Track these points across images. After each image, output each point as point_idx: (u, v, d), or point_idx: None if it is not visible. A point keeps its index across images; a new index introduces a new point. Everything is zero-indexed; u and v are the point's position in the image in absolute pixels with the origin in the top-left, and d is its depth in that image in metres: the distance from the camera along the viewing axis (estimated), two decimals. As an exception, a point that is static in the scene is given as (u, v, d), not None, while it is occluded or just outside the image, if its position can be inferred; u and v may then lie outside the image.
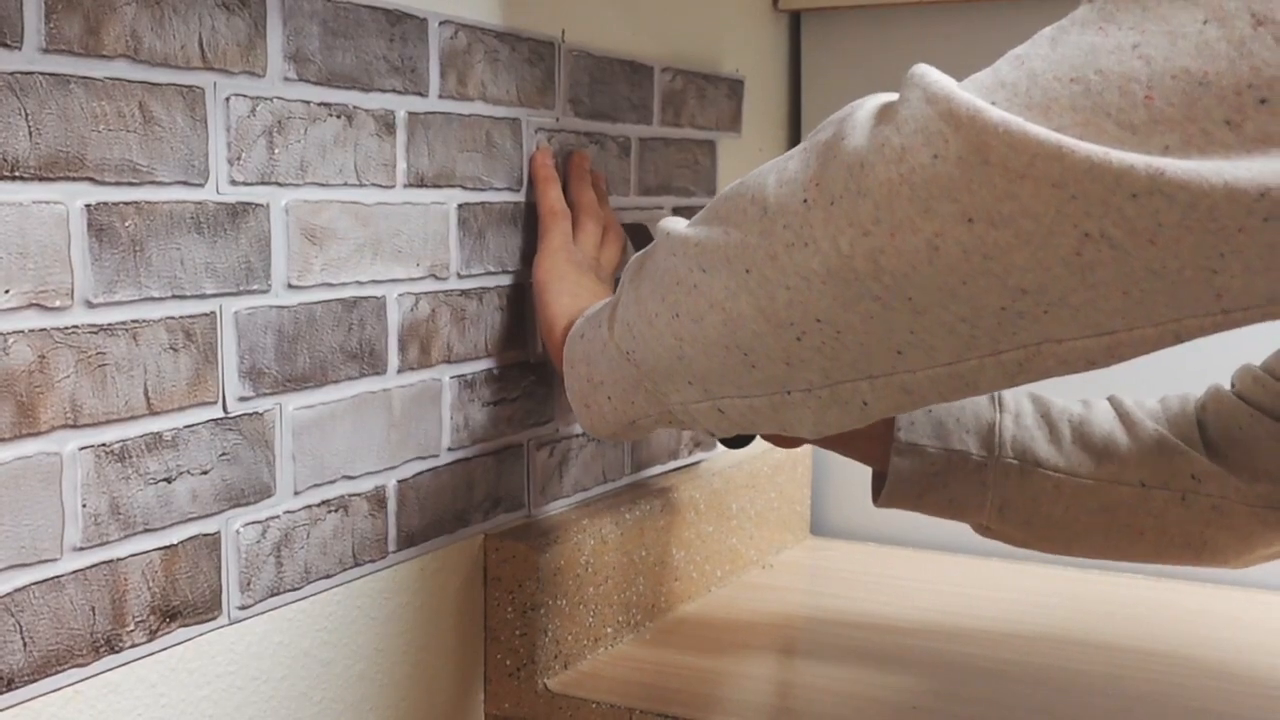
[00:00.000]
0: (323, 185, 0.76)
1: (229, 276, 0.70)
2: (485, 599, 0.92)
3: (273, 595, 0.75)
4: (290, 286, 0.74)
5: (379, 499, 0.82)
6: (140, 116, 0.65)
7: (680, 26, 1.12)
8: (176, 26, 0.66)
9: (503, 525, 0.93)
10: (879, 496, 0.93)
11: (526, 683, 0.91)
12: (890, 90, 0.59)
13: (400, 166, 0.82)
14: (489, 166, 0.89)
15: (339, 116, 0.77)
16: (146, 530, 0.67)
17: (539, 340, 0.94)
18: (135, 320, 0.65)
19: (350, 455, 0.79)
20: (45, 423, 0.61)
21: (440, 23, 0.84)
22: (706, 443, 1.19)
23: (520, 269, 0.93)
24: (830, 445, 0.92)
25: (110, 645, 0.65)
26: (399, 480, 0.84)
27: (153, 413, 0.67)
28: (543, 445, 0.97)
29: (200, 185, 0.68)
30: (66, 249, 0.62)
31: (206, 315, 0.69)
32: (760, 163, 1.24)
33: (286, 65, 0.73)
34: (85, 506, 0.63)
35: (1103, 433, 0.88)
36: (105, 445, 0.64)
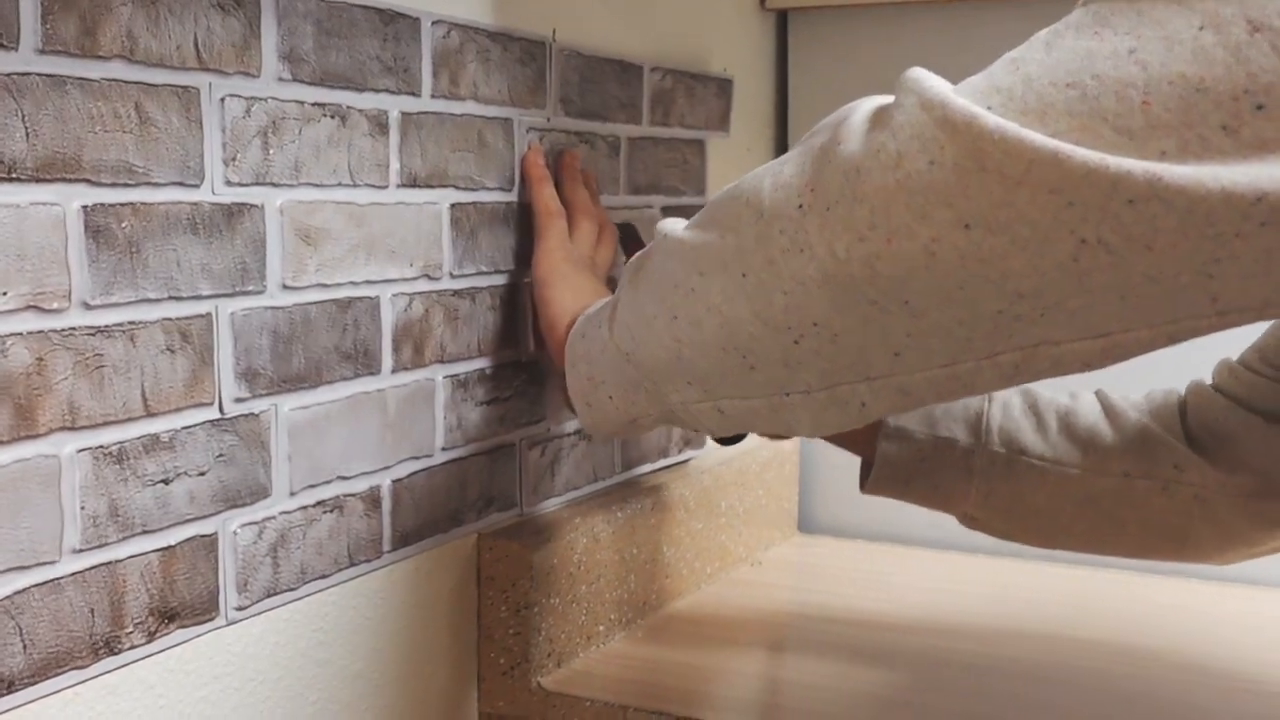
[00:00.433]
0: (317, 186, 0.76)
1: (225, 277, 0.70)
2: (479, 598, 0.92)
3: (269, 596, 0.75)
4: (285, 287, 0.74)
5: (374, 499, 0.82)
6: (136, 117, 0.65)
7: (669, 26, 1.12)
8: (172, 27, 0.66)
9: (496, 524, 0.93)
10: (865, 483, 0.93)
11: (520, 681, 0.91)
12: (879, 90, 0.59)
13: (394, 166, 0.82)
14: (481, 166, 0.89)
15: (333, 117, 0.77)
16: (145, 532, 0.67)
17: (531, 338, 0.94)
18: (132, 322, 0.65)
19: (345, 455, 0.80)
20: (44, 425, 0.61)
21: (433, 22, 0.84)
22: (696, 441, 1.19)
23: (513, 268, 0.93)
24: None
25: (109, 647, 0.65)
26: (393, 480, 0.84)
27: (150, 414, 0.67)
28: (535, 444, 0.97)
29: (196, 186, 0.68)
30: (64, 251, 0.62)
31: (203, 316, 0.69)
32: (748, 161, 1.25)
33: (281, 65, 0.73)
34: (84, 509, 0.63)
35: (1088, 423, 0.89)
36: (103, 447, 0.64)
